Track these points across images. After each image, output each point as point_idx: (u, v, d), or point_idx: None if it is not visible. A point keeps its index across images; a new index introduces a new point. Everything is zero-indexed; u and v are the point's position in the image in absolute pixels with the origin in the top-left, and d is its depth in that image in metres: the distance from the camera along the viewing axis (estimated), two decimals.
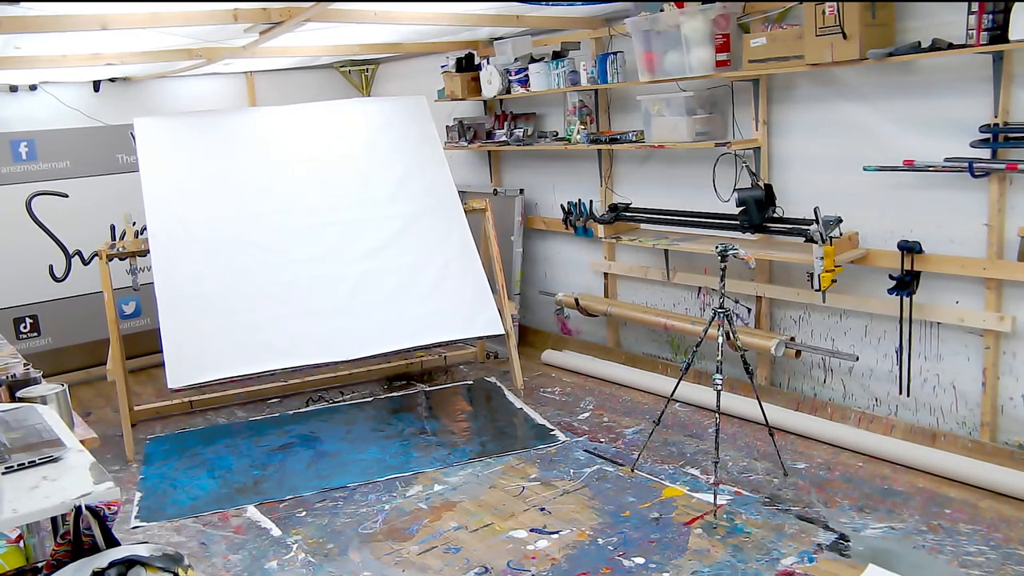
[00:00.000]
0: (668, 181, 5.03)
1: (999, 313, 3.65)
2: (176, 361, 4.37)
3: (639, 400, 4.98)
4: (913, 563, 3.08)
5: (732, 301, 4.70)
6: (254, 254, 4.80)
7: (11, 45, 4.41)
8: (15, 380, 2.76)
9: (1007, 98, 3.45)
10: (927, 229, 3.82)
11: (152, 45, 4.79)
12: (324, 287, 4.82)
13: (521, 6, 4.57)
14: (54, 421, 2.32)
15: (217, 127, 5.21)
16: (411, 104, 5.57)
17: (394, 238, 5.08)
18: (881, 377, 4.17)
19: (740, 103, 4.49)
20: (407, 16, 4.49)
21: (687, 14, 4.22)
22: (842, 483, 3.75)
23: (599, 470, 4.06)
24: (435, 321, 4.89)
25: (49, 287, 5.83)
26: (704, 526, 3.45)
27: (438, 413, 5.07)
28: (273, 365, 4.55)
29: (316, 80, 7.13)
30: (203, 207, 4.84)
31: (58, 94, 6.13)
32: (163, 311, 4.48)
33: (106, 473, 1.94)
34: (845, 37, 3.61)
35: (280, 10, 4.00)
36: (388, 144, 5.37)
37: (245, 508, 3.93)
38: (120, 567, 1.71)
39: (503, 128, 5.96)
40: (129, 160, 6.04)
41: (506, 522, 3.63)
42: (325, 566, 3.38)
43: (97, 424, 4.87)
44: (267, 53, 5.42)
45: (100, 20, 3.74)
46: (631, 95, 5.05)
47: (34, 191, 5.71)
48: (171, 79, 6.60)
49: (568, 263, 5.93)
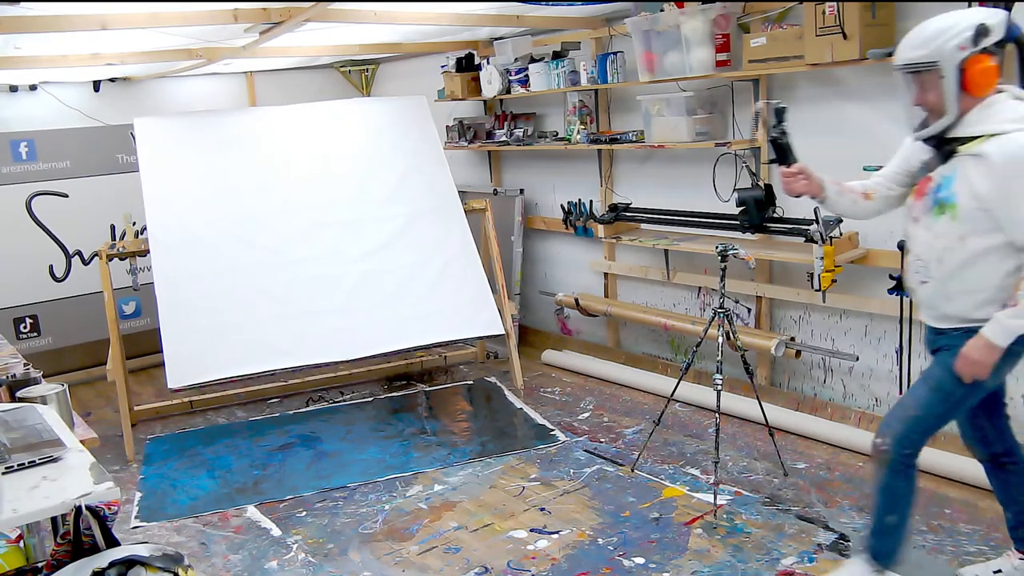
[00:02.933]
0: (668, 181, 5.03)
1: None
2: (176, 361, 4.38)
3: (639, 400, 4.98)
4: (913, 563, 3.08)
5: (732, 301, 4.70)
6: (254, 254, 4.80)
7: (11, 45, 4.41)
8: (15, 380, 2.76)
9: None
10: None
11: (152, 45, 4.79)
12: (324, 287, 4.82)
13: (521, 6, 4.57)
14: (54, 421, 2.32)
15: (217, 127, 5.21)
16: (411, 104, 5.57)
17: (394, 238, 5.08)
18: (881, 377, 4.17)
19: (740, 103, 4.49)
20: (407, 16, 4.49)
21: (687, 14, 4.22)
22: (842, 483, 3.75)
23: (599, 470, 4.06)
24: (435, 321, 4.89)
25: (49, 287, 5.82)
26: (704, 526, 3.46)
27: (438, 413, 5.07)
28: (273, 365, 4.56)
29: (316, 80, 7.13)
30: (203, 207, 4.84)
31: (58, 94, 6.13)
32: (163, 311, 4.48)
33: (106, 473, 1.94)
34: (845, 37, 3.61)
35: (280, 10, 4.00)
36: (388, 144, 5.37)
37: (245, 508, 3.93)
38: (120, 567, 1.71)
39: (503, 128, 5.96)
40: (129, 160, 6.04)
41: (506, 522, 3.63)
42: (325, 566, 3.38)
43: (97, 424, 4.86)
44: (267, 53, 5.42)
45: (100, 20, 3.74)
46: (631, 95, 5.06)
47: (34, 191, 5.71)
48: (171, 79, 6.60)
49: (568, 263, 5.93)
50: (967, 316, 2.49)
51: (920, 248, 2.57)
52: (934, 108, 2.44)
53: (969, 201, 2.39)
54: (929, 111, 2.46)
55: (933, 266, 2.52)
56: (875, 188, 2.77)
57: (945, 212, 2.45)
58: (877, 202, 2.78)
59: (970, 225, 2.40)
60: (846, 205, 2.79)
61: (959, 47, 2.35)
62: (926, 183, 2.54)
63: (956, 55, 2.35)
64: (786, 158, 2.79)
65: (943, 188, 2.46)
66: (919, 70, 2.42)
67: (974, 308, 2.47)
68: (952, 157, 2.45)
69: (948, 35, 2.36)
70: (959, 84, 2.37)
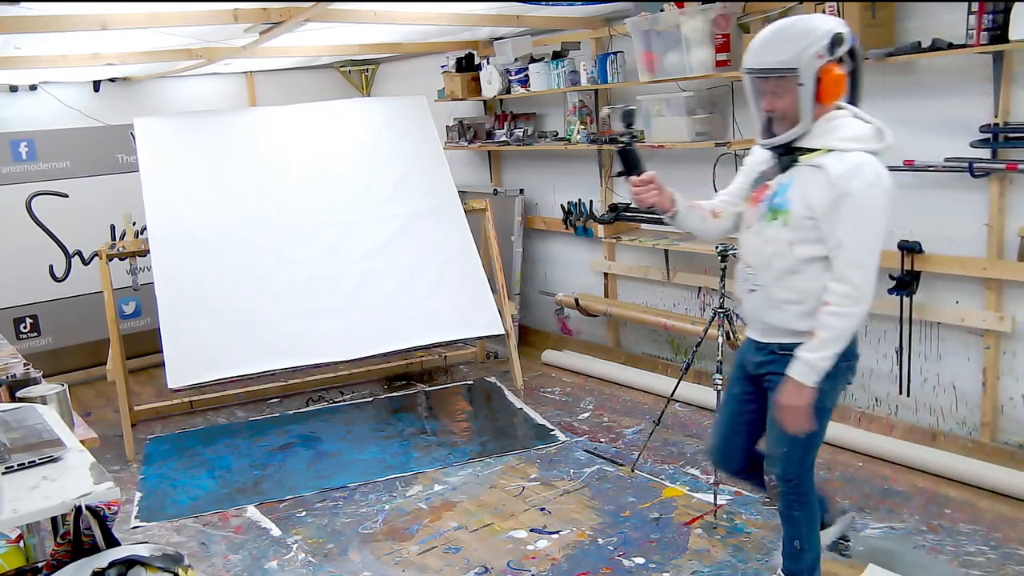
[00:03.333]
0: (668, 181, 4.94)
1: (999, 313, 3.65)
2: (176, 361, 4.37)
3: (639, 400, 4.98)
4: (913, 563, 3.08)
5: (732, 301, 4.70)
6: (254, 254, 4.80)
7: (11, 45, 4.41)
8: (15, 380, 2.76)
9: (1007, 98, 3.45)
10: (927, 229, 3.82)
11: (152, 45, 4.79)
12: (324, 287, 4.82)
13: (521, 6, 4.57)
14: (54, 421, 2.32)
15: (217, 127, 5.21)
16: (411, 104, 5.57)
17: (394, 238, 5.08)
18: (881, 377, 4.17)
19: (740, 103, 4.49)
20: (407, 16, 4.49)
21: (687, 14, 4.22)
22: (842, 483, 3.75)
23: (599, 470, 4.06)
24: (435, 321, 4.89)
25: (49, 287, 5.83)
26: (704, 526, 3.46)
27: (438, 413, 5.07)
28: (273, 365, 4.55)
29: (316, 80, 7.13)
30: (203, 207, 4.84)
31: (58, 94, 6.13)
32: (163, 311, 4.48)
33: (106, 473, 1.94)
34: None
35: (280, 10, 4.00)
36: (388, 144, 5.37)
37: (245, 508, 3.93)
38: (120, 567, 1.71)
39: (503, 128, 5.96)
40: (129, 160, 6.04)
41: (506, 522, 3.63)
42: (325, 566, 3.38)
43: (97, 424, 4.86)
44: (267, 53, 5.42)
45: (100, 20, 3.74)
46: (631, 95, 5.05)
47: (34, 191, 5.71)
48: (171, 79, 6.60)
49: (568, 263, 5.93)
50: (791, 327, 2.43)
51: (750, 255, 2.52)
52: (786, 115, 2.35)
53: (802, 209, 2.34)
54: (779, 118, 2.37)
55: (761, 272, 2.46)
56: (723, 207, 2.68)
57: (778, 217, 2.39)
58: (725, 220, 2.68)
59: (800, 232, 2.35)
60: (695, 222, 2.69)
61: (817, 55, 2.26)
62: (763, 191, 2.48)
63: (814, 63, 2.26)
64: (635, 167, 2.64)
65: (779, 194, 2.41)
66: (775, 75, 2.32)
67: (798, 318, 2.41)
68: (792, 166, 2.40)
69: (807, 41, 2.27)
70: (814, 93, 2.29)
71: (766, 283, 2.45)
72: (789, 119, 2.35)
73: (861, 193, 2.26)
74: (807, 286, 2.38)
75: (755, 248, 2.48)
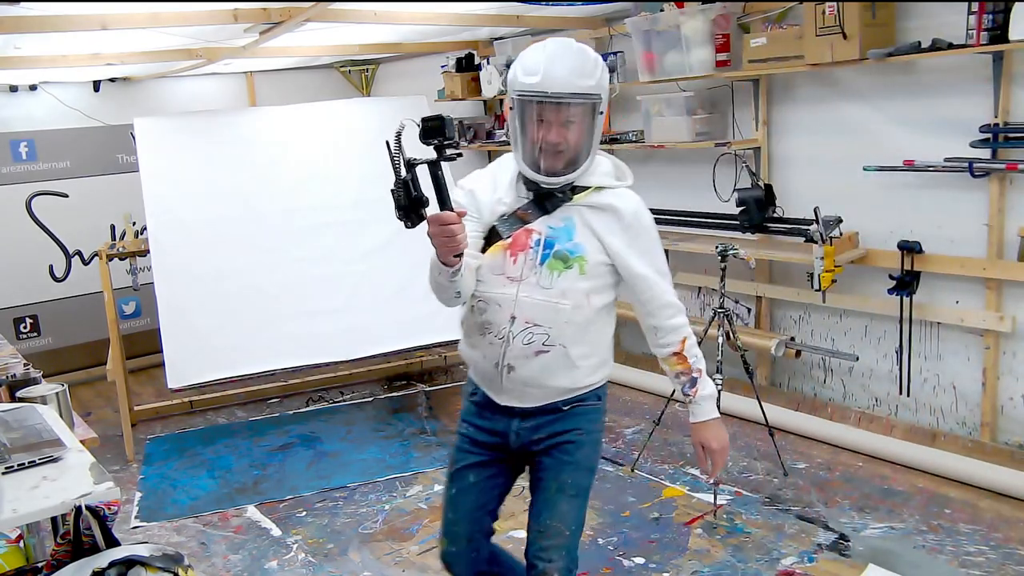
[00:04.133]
0: (668, 181, 5.02)
1: (999, 313, 3.65)
2: (176, 361, 4.37)
3: (639, 400, 4.97)
4: (913, 563, 3.08)
5: (732, 301, 4.70)
6: (254, 254, 4.79)
7: (11, 45, 4.41)
8: (15, 380, 2.76)
9: (1007, 98, 3.45)
10: (927, 229, 3.82)
11: (152, 45, 4.79)
12: (324, 287, 4.81)
13: (521, 6, 4.57)
14: (54, 421, 2.31)
15: (217, 127, 5.20)
16: (411, 104, 5.56)
17: (394, 238, 5.06)
18: (881, 377, 4.17)
19: (740, 103, 4.49)
20: (407, 16, 4.49)
21: (687, 14, 4.22)
22: (842, 483, 3.75)
23: (599, 470, 4.05)
24: (435, 321, 4.87)
25: (49, 287, 5.80)
26: (704, 526, 3.46)
27: (438, 413, 5.07)
28: (273, 365, 4.55)
29: (316, 80, 7.13)
30: (203, 207, 4.84)
31: (58, 94, 6.13)
32: (163, 311, 4.48)
33: (106, 473, 1.94)
34: (845, 37, 3.61)
35: (280, 10, 4.00)
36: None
37: (245, 508, 3.93)
38: (120, 567, 1.70)
39: (503, 128, 5.95)
40: (129, 160, 6.04)
41: (506, 522, 3.61)
42: (325, 566, 3.38)
43: (97, 424, 4.86)
44: (267, 53, 5.42)
45: (100, 20, 3.74)
46: (631, 95, 5.05)
47: (34, 191, 5.69)
48: (171, 79, 6.60)
49: None
50: (581, 383, 2.21)
51: (533, 311, 2.09)
52: (572, 147, 2.01)
53: (597, 255, 2.09)
54: (562, 151, 2.01)
55: (559, 330, 2.09)
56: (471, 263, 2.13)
57: (572, 266, 2.07)
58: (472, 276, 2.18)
59: (596, 280, 2.11)
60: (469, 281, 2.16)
61: (608, 84, 2.04)
62: (526, 235, 2.09)
63: (607, 92, 2.04)
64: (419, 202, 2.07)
65: (561, 240, 2.08)
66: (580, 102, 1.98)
67: (589, 373, 2.20)
68: (560, 207, 2.09)
69: (602, 67, 2.01)
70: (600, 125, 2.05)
71: (566, 341, 2.11)
72: (573, 151, 2.03)
73: (651, 225, 2.15)
74: (599, 338, 2.19)
75: (542, 303, 2.09)
